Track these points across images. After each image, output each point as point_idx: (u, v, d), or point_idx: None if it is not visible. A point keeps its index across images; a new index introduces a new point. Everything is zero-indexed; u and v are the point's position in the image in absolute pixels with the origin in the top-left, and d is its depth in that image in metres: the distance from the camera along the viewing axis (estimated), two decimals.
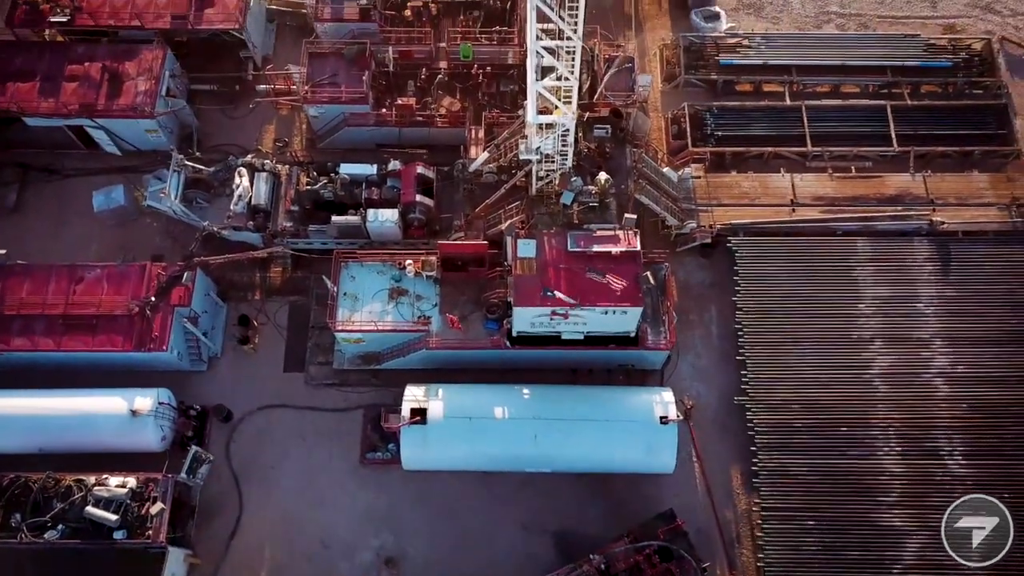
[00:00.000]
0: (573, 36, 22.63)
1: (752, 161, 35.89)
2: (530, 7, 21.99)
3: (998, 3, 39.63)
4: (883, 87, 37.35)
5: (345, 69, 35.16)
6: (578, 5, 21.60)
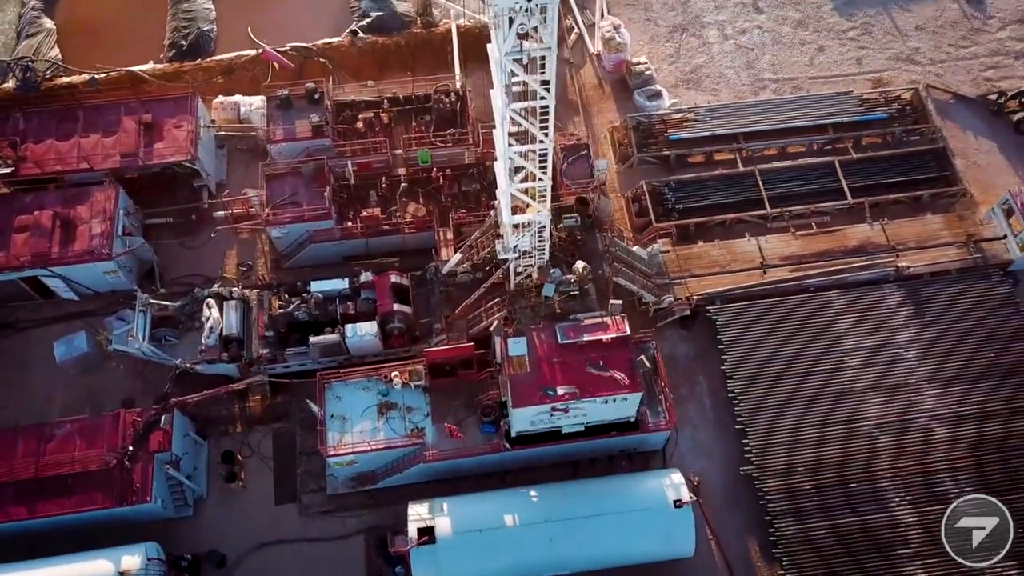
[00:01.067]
0: (544, 140, 22.88)
1: (716, 229, 36.54)
2: (501, 119, 22.22)
3: (917, 54, 41.91)
4: (827, 144, 38.80)
5: (304, 187, 34.98)
6: (548, 111, 21.90)
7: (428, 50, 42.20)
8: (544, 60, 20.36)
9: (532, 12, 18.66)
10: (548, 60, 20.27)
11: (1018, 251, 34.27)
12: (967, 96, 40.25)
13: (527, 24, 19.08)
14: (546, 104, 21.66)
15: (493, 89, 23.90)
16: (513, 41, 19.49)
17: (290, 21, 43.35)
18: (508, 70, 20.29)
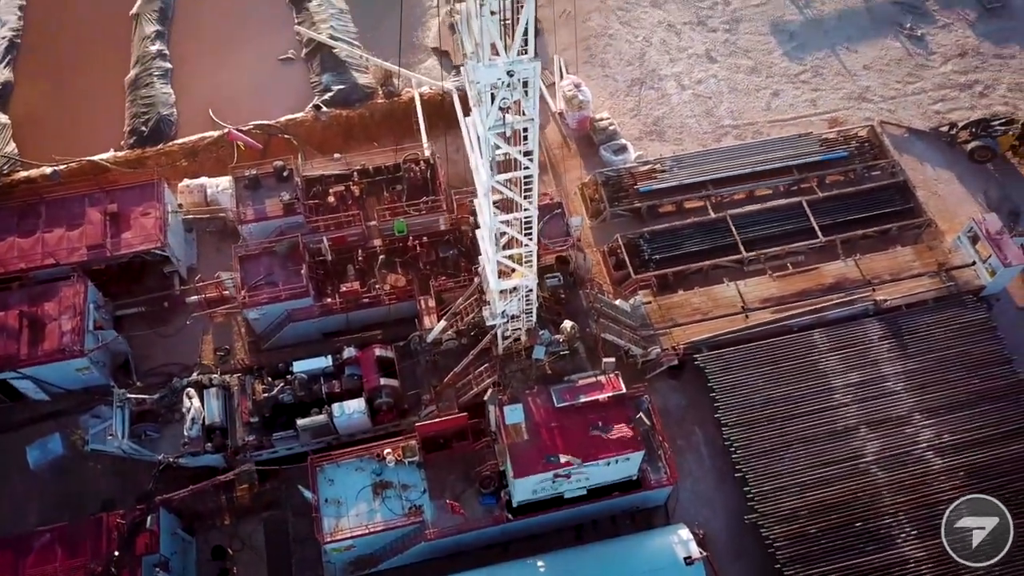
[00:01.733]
0: (529, 208, 22.88)
1: (694, 277, 36.82)
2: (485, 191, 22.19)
3: (868, 92, 43.31)
4: (793, 185, 39.61)
5: (279, 266, 34.46)
6: (532, 180, 21.94)
7: (392, 119, 42.41)
8: (527, 131, 20.42)
9: (514, 86, 18.77)
10: (531, 131, 20.37)
11: (988, 276, 35.04)
12: (920, 129, 41.58)
13: (509, 98, 19.18)
14: (530, 173, 21.69)
15: (473, 161, 23.97)
16: (496, 115, 19.55)
17: (251, 100, 43.32)
18: (492, 144, 20.30)
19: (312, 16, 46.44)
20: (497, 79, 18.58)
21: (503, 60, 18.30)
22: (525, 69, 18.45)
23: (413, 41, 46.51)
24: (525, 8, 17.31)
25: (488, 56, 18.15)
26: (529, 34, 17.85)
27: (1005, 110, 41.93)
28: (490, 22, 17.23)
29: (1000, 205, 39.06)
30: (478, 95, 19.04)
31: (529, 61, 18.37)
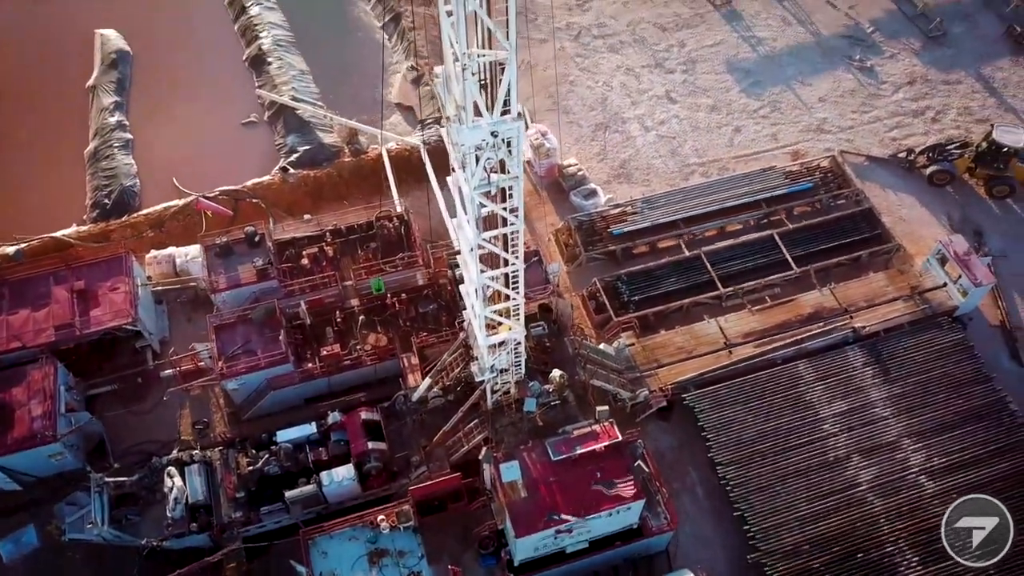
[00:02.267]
0: (515, 262, 22.75)
1: (675, 315, 36.91)
2: (470, 249, 22.01)
3: (825, 124, 44.40)
4: (762, 218, 40.19)
5: (256, 334, 33.73)
6: (518, 235, 21.84)
7: (360, 177, 42.27)
8: (511, 188, 20.37)
9: (498, 146, 18.74)
10: (516, 188, 20.31)
11: (960, 297, 35.71)
12: (879, 157, 42.65)
13: (494, 158, 19.14)
14: (516, 229, 21.60)
15: (455, 220, 23.85)
16: (481, 176, 19.47)
17: (215, 166, 42.80)
18: (477, 203, 20.19)
19: (273, 78, 46.36)
20: (482, 140, 18.54)
21: (487, 121, 18.29)
22: (509, 129, 18.46)
23: (376, 97, 46.56)
24: (507, 69, 17.36)
25: (471, 118, 18.10)
26: (512, 94, 17.89)
27: (957, 133, 43.27)
28: (472, 85, 17.22)
29: (963, 226, 40.04)
30: (463, 157, 18.95)
31: (512, 121, 18.39)
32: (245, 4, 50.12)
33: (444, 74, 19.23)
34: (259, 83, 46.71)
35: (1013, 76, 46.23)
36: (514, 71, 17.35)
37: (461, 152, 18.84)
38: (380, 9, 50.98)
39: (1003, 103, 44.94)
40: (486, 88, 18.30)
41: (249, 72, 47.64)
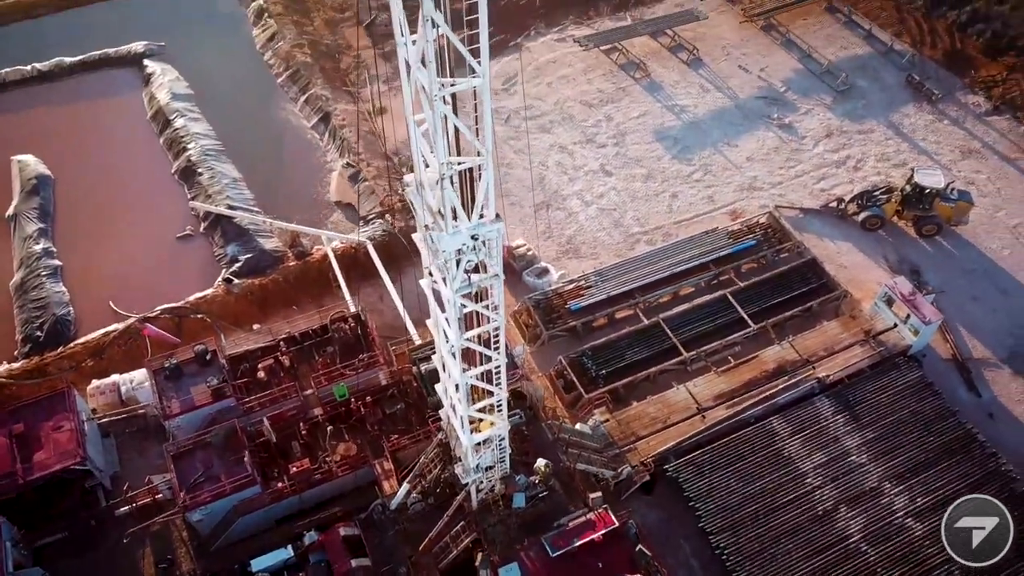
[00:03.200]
0: (497, 358, 22.27)
1: (643, 385, 36.81)
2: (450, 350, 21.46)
3: (756, 181, 46.00)
4: (712, 279, 40.90)
5: (218, 458, 31.97)
6: (500, 332, 21.44)
7: (307, 280, 41.38)
8: (492, 287, 20.05)
9: (478, 248, 18.47)
10: (496, 286, 19.99)
11: (912, 336, 36.82)
12: (812, 208, 44.27)
13: (474, 259, 18.83)
14: (498, 325, 21.20)
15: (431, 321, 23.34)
16: (462, 278, 19.10)
17: (154, 284, 41.21)
18: (459, 305, 19.76)
19: (205, 188, 45.42)
20: (462, 243, 18.24)
21: (466, 226, 18.03)
22: (489, 231, 18.23)
23: (315, 197, 46.21)
24: (484, 173, 17.23)
25: (451, 224, 17.82)
26: (490, 196, 17.73)
27: (879, 179, 45.42)
28: (451, 193, 17.01)
29: (900, 266, 41.64)
30: (443, 263, 18.57)
31: (492, 223, 18.19)
32: (169, 117, 49.36)
33: (415, 182, 18.97)
34: (191, 195, 45.66)
35: (919, 121, 49.11)
36: (491, 174, 17.23)
37: (442, 258, 18.45)
38: (308, 110, 50.95)
39: (915, 146, 47.55)
40: (460, 192, 18.13)
41: (180, 185, 46.60)
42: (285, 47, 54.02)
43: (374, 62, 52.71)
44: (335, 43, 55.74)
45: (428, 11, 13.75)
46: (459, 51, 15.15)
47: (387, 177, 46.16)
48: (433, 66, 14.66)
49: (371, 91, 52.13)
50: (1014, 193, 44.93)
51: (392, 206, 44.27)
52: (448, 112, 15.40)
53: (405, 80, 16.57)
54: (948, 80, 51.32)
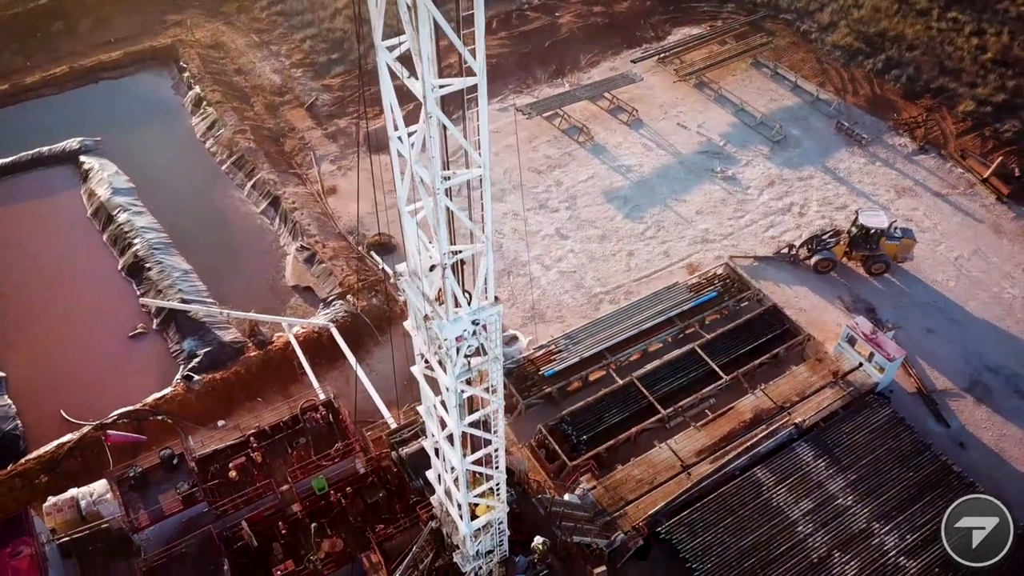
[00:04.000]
0: (495, 439, 21.82)
1: (625, 447, 36.58)
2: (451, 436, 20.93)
3: (708, 234, 47.09)
4: (679, 334, 41.30)
5: (194, 569, 30.24)
6: (499, 413, 21.04)
7: (271, 370, 40.19)
8: (491, 369, 19.72)
9: (479, 333, 18.20)
10: (495, 368, 19.67)
11: (878, 373, 37.71)
12: (765, 256, 45.44)
13: (474, 344, 18.54)
14: (496, 407, 20.80)
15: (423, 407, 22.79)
16: (462, 364, 18.75)
17: (107, 388, 39.48)
18: (459, 391, 19.34)
19: (155, 283, 44.04)
20: (462, 330, 17.96)
21: (466, 312, 17.79)
22: (489, 315, 18.02)
23: (271, 284, 45.28)
24: (484, 258, 17.09)
25: (452, 312, 17.54)
26: (489, 280, 17.57)
27: (824, 222, 47.03)
28: (453, 281, 16.78)
29: (856, 305, 42.88)
30: (445, 351, 18.21)
31: (491, 306, 17.99)
32: (111, 213, 48.04)
33: (407, 272, 18.68)
34: (141, 291, 44.19)
35: (852, 164, 51.33)
36: (491, 259, 17.10)
37: (445, 347, 18.08)
38: (256, 195, 50.29)
39: (853, 189, 49.56)
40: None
41: (128, 281, 45.09)
42: (227, 134, 53.50)
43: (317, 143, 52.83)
44: (277, 126, 55.53)
45: (432, 109, 13.72)
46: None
47: (345, 257, 45.68)
48: (437, 160, 14.58)
49: (318, 172, 52.19)
50: (950, 227, 47.07)
51: (352, 286, 43.66)
52: (450, 203, 15.29)
53: (397, 173, 16.45)
54: (874, 124, 53.96)
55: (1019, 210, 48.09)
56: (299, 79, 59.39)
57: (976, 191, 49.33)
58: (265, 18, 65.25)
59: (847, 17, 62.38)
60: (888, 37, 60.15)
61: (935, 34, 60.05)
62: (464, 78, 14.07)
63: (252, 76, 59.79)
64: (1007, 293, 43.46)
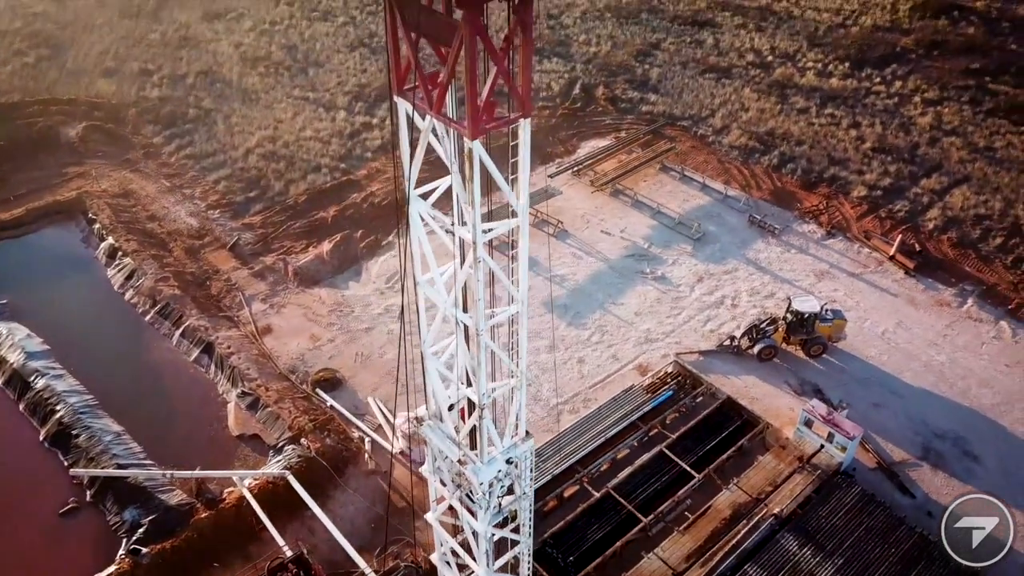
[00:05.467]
0: None
1: (613, 562, 35.61)
2: None
3: (651, 334, 48.05)
4: (643, 437, 41.32)
5: None
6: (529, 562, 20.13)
7: (226, 529, 37.26)
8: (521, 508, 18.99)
9: (511, 472, 17.58)
10: (524, 506, 18.95)
11: (840, 453, 38.70)
12: (709, 349, 46.67)
13: (506, 484, 17.87)
14: (525, 547, 19.91)
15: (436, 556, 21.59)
16: (495, 506, 17.97)
17: (39, 574, 35.51)
18: (490, 536, 18.45)
19: (85, 451, 40.69)
20: (498, 471, 17.31)
21: (499, 451, 17.23)
22: (522, 452, 17.50)
23: (213, 436, 42.70)
24: (517, 394, 16.72)
25: (486, 455, 16.93)
26: (521, 416, 17.15)
27: (757, 312, 49.01)
28: (489, 422, 16.29)
29: (803, 388, 44.34)
30: (482, 497, 17.43)
31: (523, 442, 17.50)
32: (27, 380, 44.60)
33: (429, 415, 18.03)
34: (70, 462, 40.65)
35: (770, 254, 54.21)
36: (524, 395, 16.75)
37: (480, 492, 17.32)
38: (186, 343, 48.04)
39: (776, 277, 52.13)
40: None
41: (53, 453, 41.47)
42: (147, 283, 51.40)
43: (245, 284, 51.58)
44: (200, 270, 53.85)
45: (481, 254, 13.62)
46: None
47: (291, 398, 43.85)
48: (483, 304, 14.38)
49: (250, 312, 50.65)
50: (871, 303, 49.97)
51: (303, 428, 41.73)
52: (492, 344, 15.01)
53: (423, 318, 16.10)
54: (781, 215, 57.54)
55: (926, 282, 51.69)
56: (217, 220, 58.28)
57: (885, 268, 52.83)
58: (174, 162, 64.30)
59: (737, 120, 67.37)
60: (777, 135, 65.19)
61: (818, 129, 65.62)
62: (509, 220, 14.10)
63: (167, 221, 58.25)
64: (935, 360, 46.05)
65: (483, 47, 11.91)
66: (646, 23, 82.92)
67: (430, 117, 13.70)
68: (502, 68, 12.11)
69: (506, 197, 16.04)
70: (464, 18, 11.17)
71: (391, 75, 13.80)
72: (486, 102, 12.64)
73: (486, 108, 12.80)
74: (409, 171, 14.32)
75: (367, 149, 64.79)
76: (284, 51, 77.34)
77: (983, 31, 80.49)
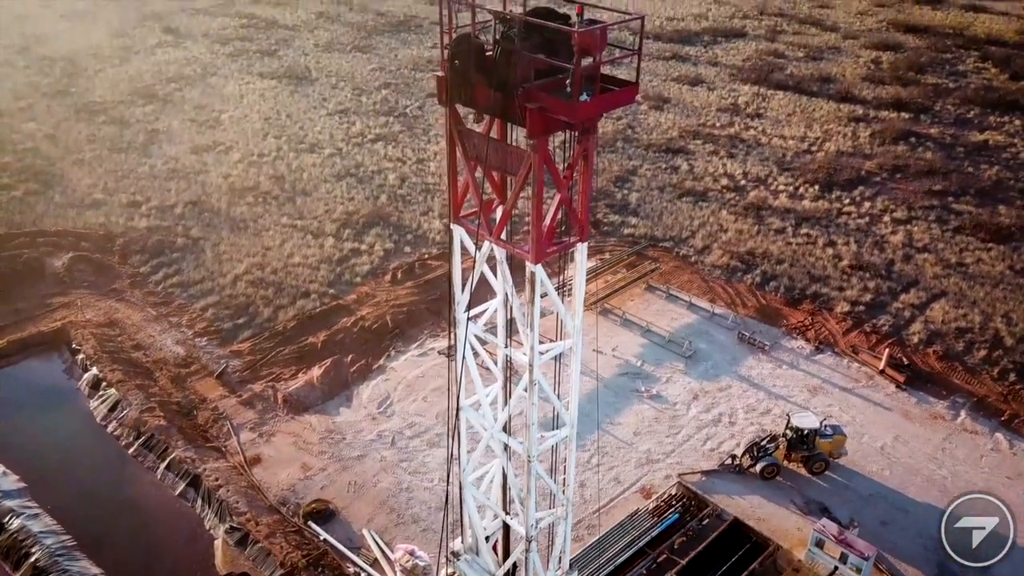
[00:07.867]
0: None
1: None
2: None
3: (651, 454, 47.33)
4: (652, 564, 39.86)
5: None
6: None
7: None
8: None
9: None
10: None
11: (854, 574, 37.61)
12: (711, 469, 45.95)
13: None
14: None
15: None
16: None
17: None
18: None
19: None
20: None
21: None
22: None
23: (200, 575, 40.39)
24: (564, 525, 16.13)
25: None
26: (566, 550, 16.49)
27: (755, 429, 48.70)
28: (536, 554, 15.62)
29: (808, 507, 43.52)
30: None
31: (567, 573, 16.73)
32: (2, 520, 42.26)
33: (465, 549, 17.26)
34: None
35: (762, 370, 54.50)
36: (569, 525, 16.18)
37: None
38: (171, 476, 46.19)
39: (770, 393, 52.21)
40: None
41: None
42: (132, 414, 49.92)
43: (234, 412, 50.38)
44: (187, 399, 52.57)
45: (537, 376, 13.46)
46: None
47: (282, 532, 41.92)
48: (536, 428, 14.08)
49: (238, 442, 49.25)
50: (866, 418, 49.99)
51: (296, 564, 39.71)
52: (541, 471, 14.60)
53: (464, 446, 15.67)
54: (769, 331, 58.28)
55: (918, 395, 52.07)
56: (204, 348, 57.46)
57: (876, 382, 53.24)
58: (161, 291, 63.93)
59: (717, 240, 69.31)
60: (757, 254, 66.99)
61: (796, 248, 67.66)
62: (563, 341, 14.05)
63: (153, 350, 57.29)
64: (937, 474, 45.71)
65: (549, 174, 12.22)
66: (622, 151, 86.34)
67: (487, 243, 13.83)
68: (564, 196, 12.40)
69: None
70: (534, 147, 11.50)
71: (450, 203, 14.01)
72: (549, 227, 12.85)
73: (548, 233, 12.99)
74: (461, 295, 14.28)
75: (356, 274, 65.14)
76: (272, 181, 78.81)
77: (940, 156, 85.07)
